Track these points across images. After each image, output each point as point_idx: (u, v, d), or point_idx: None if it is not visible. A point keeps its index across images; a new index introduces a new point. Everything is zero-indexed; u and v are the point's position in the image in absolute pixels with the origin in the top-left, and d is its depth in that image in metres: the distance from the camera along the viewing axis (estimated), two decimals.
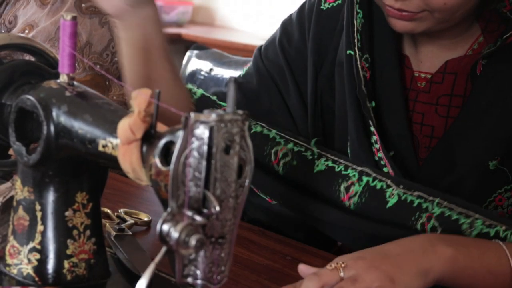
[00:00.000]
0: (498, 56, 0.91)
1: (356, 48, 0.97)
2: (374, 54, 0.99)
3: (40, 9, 1.40)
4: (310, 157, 1.01)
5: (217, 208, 0.62)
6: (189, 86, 1.15)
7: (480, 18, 0.95)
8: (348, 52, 0.98)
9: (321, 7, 1.06)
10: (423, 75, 0.99)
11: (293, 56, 1.07)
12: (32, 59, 0.83)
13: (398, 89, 0.98)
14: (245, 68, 1.15)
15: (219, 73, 1.84)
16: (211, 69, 1.87)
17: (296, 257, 0.95)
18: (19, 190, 0.77)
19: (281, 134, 1.04)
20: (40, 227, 0.76)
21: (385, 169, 0.95)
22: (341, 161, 0.98)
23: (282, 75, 1.08)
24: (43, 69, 0.80)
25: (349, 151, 0.99)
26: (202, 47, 1.98)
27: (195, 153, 0.61)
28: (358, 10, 0.98)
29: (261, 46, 1.15)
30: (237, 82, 1.11)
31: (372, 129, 0.95)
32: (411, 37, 1.00)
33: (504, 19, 0.93)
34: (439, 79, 0.97)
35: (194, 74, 1.89)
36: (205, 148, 0.61)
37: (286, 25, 1.11)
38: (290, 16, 1.12)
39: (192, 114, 0.61)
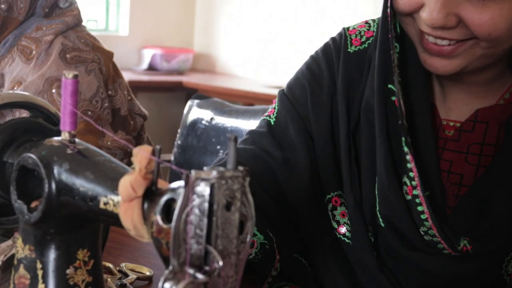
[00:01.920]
0: None
1: (396, 82, 0.93)
2: (404, 98, 0.96)
3: (26, 64, 1.42)
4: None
5: (220, 263, 0.61)
6: None
7: None
8: (389, 86, 0.95)
9: (348, 49, 1.04)
10: (451, 124, 0.98)
11: (324, 99, 1.04)
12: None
13: (430, 134, 0.96)
14: (272, 115, 1.08)
15: (220, 122, 1.86)
16: (212, 118, 1.88)
17: None
18: (20, 248, 0.76)
19: None
20: (41, 286, 0.75)
21: (419, 208, 0.93)
22: None
23: (308, 120, 1.04)
24: (44, 127, 0.80)
25: (376, 193, 0.97)
26: (203, 96, 2.00)
27: (196, 210, 0.61)
28: (396, 44, 0.94)
29: (282, 89, 1.11)
30: (270, 127, 1.07)
31: (410, 165, 0.92)
32: (439, 83, 0.98)
33: None
34: (469, 128, 0.96)
35: (195, 123, 1.91)
36: (206, 205, 0.61)
37: (313, 67, 1.07)
38: (315, 57, 1.09)
39: (193, 172, 0.61)
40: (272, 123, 1.07)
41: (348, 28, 1.07)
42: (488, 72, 0.92)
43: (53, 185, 0.73)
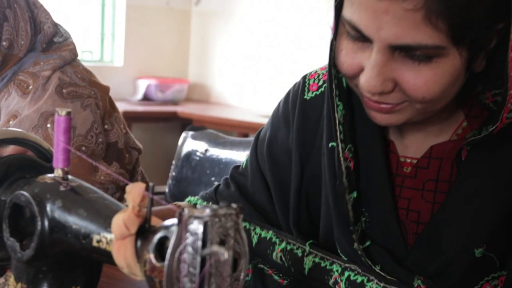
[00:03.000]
0: (482, 143, 0.91)
1: (338, 141, 0.96)
2: (357, 143, 0.99)
3: (22, 98, 1.43)
4: (300, 255, 1.02)
5: None
6: (198, 202, 1.19)
7: (463, 104, 0.96)
8: (330, 144, 0.98)
9: (305, 96, 1.07)
10: (408, 160, 0.99)
11: (280, 154, 1.09)
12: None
13: (384, 177, 0.97)
14: (246, 157, 1.17)
15: (214, 153, 1.86)
16: (206, 150, 1.88)
17: None
18: (13, 286, 0.76)
19: (277, 233, 1.06)
20: None
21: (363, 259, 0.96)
22: (328, 257, 0.99)
23: (265, 171, 1.10)
24: (37, 163, 0.81)
25: (335, 240, 1.00)
26: (197, 127, 2.00)
27: (190, 249, 0.61)
28: (338, 103, 0.97)
29: (259, 132, 1.15)
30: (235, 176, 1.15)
31: (351, 220, 0.96)
32: None
33: (486, 105, 0.94)
34: (425, 164, 0.97)
35: (189, 155, 1.91)
36: (199, 243, 0.61)
37: (274, 118, 1.12)
38: (278, 107, 1.13)
39: (186, 210, 0.61)
40: (243, 166, 1.16)
41: (310, 73, 1.10)
42: (441, 113, 0.94)
43: (46, 223, 0.73)
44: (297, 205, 1.06)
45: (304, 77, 1.10)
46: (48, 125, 1.38)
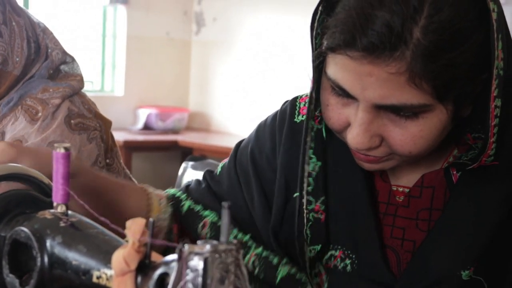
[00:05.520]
0: (472, 169, 0.91)
1: (304, 192, 0.97)
2: (337, 193, 0.99)
3: (30, 124, 1.41)
4: (275, 262, 1.01)
5: None
6: (177, 193, 1.15)
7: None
8: (294, 195, 0.99)
9: (295, 119, 1.06)
10: (400, 189, 0.99)
11: (264, 168, 1.07)
12: None
13: (369, 221, 0.97)
14: (221, 164, 1.14)
15: None
16: None
17: None
18: None
19: (254, 240, 1.05)
20: None
21: None
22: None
23: (249, 186, 1.08)
24: (37, 199, 0.80)
25: None
26: (198, 157, 2.00)
27: (190, 285, 0.60)
28: (312, 156, 0.98)
29: (240, 142, 1.14)
30: (211, 186, 1.12)
31: (307, 271, 0.97)
32: None
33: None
34: (417, 193, 0.97)
35: None
36: (200, 280, 0.60)
37: (260, 132, 1.10)
38: (265, 122, 1.11)
39: (186, 246, 0.61)
40: (218, 173, 1.13)
41: (301, 96, 1.09)
42: None
43: (46, 259, 0.72)
44: (279, 224, 1.04)
45: (295, 100, 1.09)
46: None
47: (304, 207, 0.97)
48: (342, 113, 0.88)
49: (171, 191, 1.17)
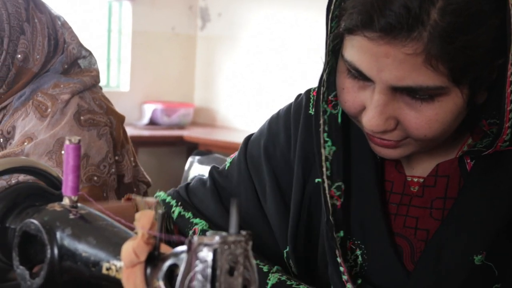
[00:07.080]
0: (486, 156, 0.92)
1: (324, 177, 0.96)
2: (351, 180, 0.98)
3: (40, 121, 1.41)
4: (266, 270, 1.01)
5: None
6: (167, 199, 1.15)
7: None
8: (316, 180, 0.98)
9: (310, 111, 1.05)
10: (415, 180, 0.99)
11: (278, 160, 1.07)
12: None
13: (378, 212, 0.97)
14: (230, 159, 1.14)
15: None
16: None
17: None
18: None
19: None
20: None
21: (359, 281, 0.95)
22: (297, 281, 0.99)
23: (261, 179, 1.07)
24: (47, 191, 0.81)
25: (329, 274, 0.99)
26: (204, 152, 2.00)
27: (199, 276, 0.61)
28: (327, 139, 0.96)
29: (249, 136, 1.14)
30: (217, 181, 1.12)
31: (339, 260, 0.96)
32: None
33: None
34: (432, 183, 0.97)
35: None
36: (209, 271, 0.61)
37: (272, 125, 1.10)
38: (278, 114, 1.11)
39: (196, 237, 0.61)
40: (226, 168, 1.13)
41: (314, 89, 1.08)
42: None
43: (56, 251, 0.73)
44: (297, 218, 1.04)
45: (308, 92, 1.09)
46: (63, 152, 1.37)
47: (327, 191, 0.96)
48: (358, 96, 0.88)
49: (162, 195, 1.17)
